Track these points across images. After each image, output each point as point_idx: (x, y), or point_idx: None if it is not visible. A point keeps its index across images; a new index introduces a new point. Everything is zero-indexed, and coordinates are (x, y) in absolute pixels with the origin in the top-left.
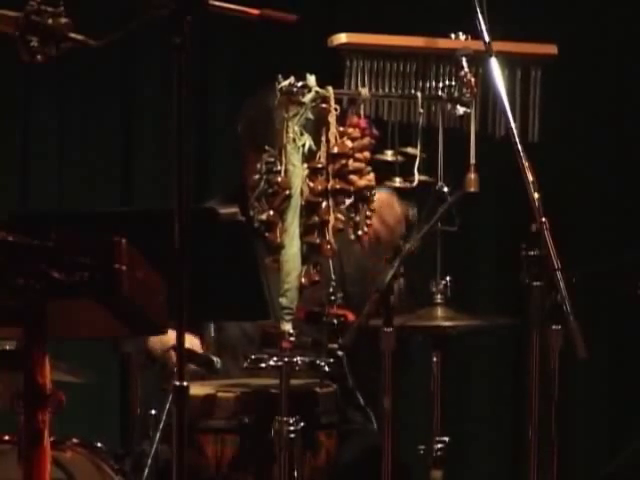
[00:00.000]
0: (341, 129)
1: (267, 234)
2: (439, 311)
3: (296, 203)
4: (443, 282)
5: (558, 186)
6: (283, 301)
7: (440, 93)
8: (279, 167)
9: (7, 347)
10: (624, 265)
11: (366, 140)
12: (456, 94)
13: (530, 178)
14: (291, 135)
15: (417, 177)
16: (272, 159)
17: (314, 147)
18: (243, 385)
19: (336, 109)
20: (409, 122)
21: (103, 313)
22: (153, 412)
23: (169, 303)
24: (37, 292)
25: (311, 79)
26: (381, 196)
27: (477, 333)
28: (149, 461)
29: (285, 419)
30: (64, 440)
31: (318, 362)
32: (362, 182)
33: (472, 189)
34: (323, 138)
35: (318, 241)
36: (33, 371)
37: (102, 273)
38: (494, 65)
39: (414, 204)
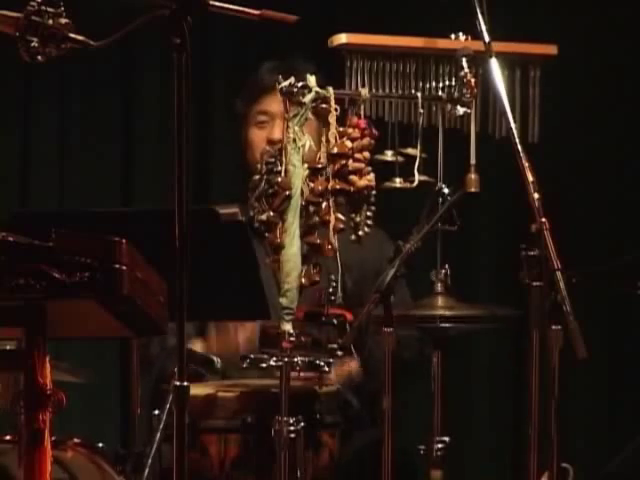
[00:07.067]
0: (341, 129)
1: (267, 234)
2: (439, 300)
3: (296, 203)
4: (443, 271)
5: (558, 186)
6: (283, 301)
7: (440, 93)
8: (279, 167)
9: (7, 347)
10: (624, 265)
11: (366, 140)
12: (456, 94)
13: (530, 178)
14: (291, 135)
15: (417, 177)
16: (272, 159)
17: (314, 147)
18: (243, 385)
19: (336, 109)
20: (409, 122)
21: (103, 313)
22: (156, 412)
23: (169, 303)
24: (37, 292)
25: (311, 79)
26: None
27: (478, 327)
28: (149, 461)
29: (285, 419)
30: (65, 440)
31: (318, 362)
32: (362, 182)
33: (472, 189)
34: (323, 138)
35: (318, 241)
36: (33, 371)
37: (102, 273)
38: (494, 65)
39: None
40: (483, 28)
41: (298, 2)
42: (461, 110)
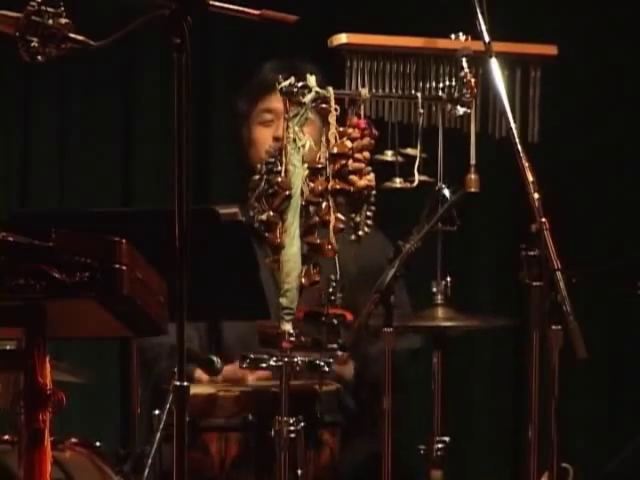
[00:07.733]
0: (341, 129)
1: (267, 234)
2: (439, 311)
3: (296, 203)
4: (443, 282)
5: (558, 186)
6: (283, 301)
7: (440, 93)
8: (279, 167)
9: (7, 347)
10: (624, 265)
11: (366, 140)
12: (456, 94)
13: (530, 178)
14: (291, 135)
15: (417, 177)
16: (272, 159)
17: (314, 147)
18: (243, 385)
19: (336, 109)
20: (409, 122)
21: (103, 313)
22: (157, 412)
23: (169, 303)
24: (37, 292)
25: (311, 79)
26: None
27: (477, 333)
28: (149, 461)
29: (285, 419)
30: (64, 440)
31: (318, 362)
32: (362, 182)
33: (472, 189)
34: (323, 138)
35: (318, 241)
36: (33, 371)
37: (102, 273)
38: (494, 65)
39: None
40: (483, 28)
41: (298, 2)
42: (461, 110)
